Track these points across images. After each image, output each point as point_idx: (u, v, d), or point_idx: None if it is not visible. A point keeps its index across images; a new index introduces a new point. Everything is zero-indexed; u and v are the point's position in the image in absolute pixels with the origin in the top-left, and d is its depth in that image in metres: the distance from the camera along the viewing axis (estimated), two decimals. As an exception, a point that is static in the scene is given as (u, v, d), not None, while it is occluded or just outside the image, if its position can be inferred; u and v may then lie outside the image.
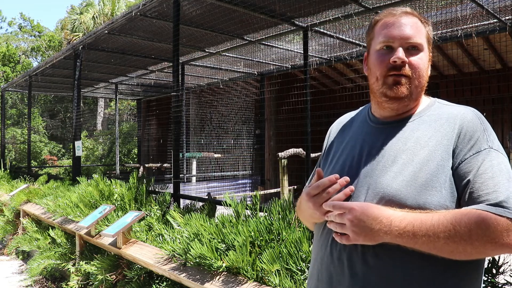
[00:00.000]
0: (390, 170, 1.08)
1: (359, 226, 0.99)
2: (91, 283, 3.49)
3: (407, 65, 1.11)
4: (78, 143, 6.10)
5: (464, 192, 1.02)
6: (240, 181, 9.90)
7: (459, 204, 1.04)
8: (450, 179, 1.04)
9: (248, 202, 2.81)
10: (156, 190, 4.11)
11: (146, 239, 3.24)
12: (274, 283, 2.06)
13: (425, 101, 1.20)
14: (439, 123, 1.11)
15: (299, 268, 2.08)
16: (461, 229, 0.93)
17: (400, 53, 1.11)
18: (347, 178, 1.10)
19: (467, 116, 1.10)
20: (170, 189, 4.11)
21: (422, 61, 1.13)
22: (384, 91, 1.14)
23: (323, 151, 1.37)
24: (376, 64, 1.15)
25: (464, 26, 5.18)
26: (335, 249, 1.10)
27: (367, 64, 1.22)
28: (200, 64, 7.57)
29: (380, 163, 1.11)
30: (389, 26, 1.14)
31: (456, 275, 1.03)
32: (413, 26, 1.13)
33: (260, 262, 2.18)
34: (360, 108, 1.36)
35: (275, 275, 2.09)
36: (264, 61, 7.34)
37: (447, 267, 1.01)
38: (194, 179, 9.63)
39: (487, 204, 0.96)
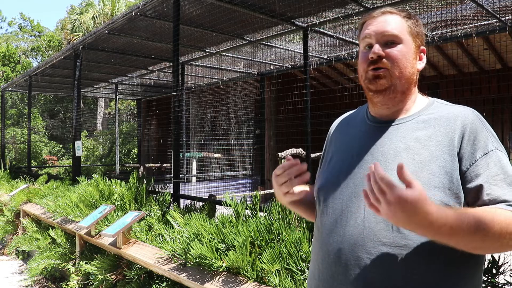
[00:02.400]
0: (392, 169, 1.07)
1: (395, 215, 0.89)
2: (91, 283, 3.49)
3: (384, 58, 1.14)
4: (78, 143, 6.10)
5: (477, 194, 1.03)
6: (240, 181, 9.90)
7: (466, 205, 1.04)
8: (456, 180, 1.04)
9: (248, 202, 2.81)
10: (156, 190, 4.11)
11: (146, 239, 3.24)
12: (274, 283, 2.06)
13: (424, 100, 1.21)
14: (439, 123, 1.11)
15: (299, 268, 2.08)
16: (495, 227, 0.92)
17: (376, 48, 1.14)
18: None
19: (468, 117, 1.10)
20: (170, 189, 4.11)
21: (401, 53, 1.14)
22: (367, 85, 1.18)
23: (323, 151, 1.38)
24: (360, 63, 1.20)
25: (464, 26, 5.18)
26: (337, 248, 1.10)
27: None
28: (200, 64, 7.57)
29: (381, 161, 1.11)
30: (367, 26, 1.19)
31: (456, 273, 1.03)
32: (389, 22, 1.16)
33: (260, 262, 2.18)
34: (359, 107, 1.36)
35: (275, 275, 2.09)
36: (264, 61, 7.34)
37: (448, 264, 1.02)
38: (194, 179, 9.63)
39: (508, 205, 0.99)
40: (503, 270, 1.80)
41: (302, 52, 5.68)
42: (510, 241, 0.94)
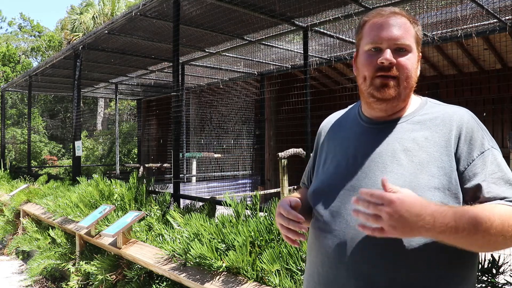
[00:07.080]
0: (391, 171, 1.07)
1: (399, 221, 0.89)
2: (91, 283, 3.49)
3: (394, 66, 1.11)
4: (78, 143, 6.10)
5: (476, 193, 1.04)
6: (240, 181, 9.90)
7: (465, 205, 1.04)
8: (455, 180, 1.04)
9: (248, 202, 2.81)
10: (156, 190, 4.11)
11: (146, 239, 3.24)
12: (274, 283, 2.06)
13: (417, 100, 1.20)
14: (435, 123, 1.11)
15: (299, 268, 2.08)
16: (496, 221, 0.93)
17: (388, 54, 1.10)
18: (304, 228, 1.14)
19: (463, 117, 1.10)
20: (170, 189, 4.11)
21: (410, 62, 1.13)
22: (371, 92, 1.14)
23: (314, 152, 1.37)
24: (364, 65, 1.15)
25: (464, 26, 5.18)
26: (338, 251, 1.09)
27: (356, 64, 1.22)
28: (200, 64, 7.57)
29: (379, 163, 1.10)
30: (377, 27, 1.14)
31: (457, 273, 1.04)
32: (401, 27, 1.13)
33: (260, 262, 2.18)
34: (349, 106, 1.34)
35: (275, 275, 2.09)
36: (264, 61, 7.34)
37: (449, 265, 1.02)
38: (194, 179, 9.63)
39: (508, 201, 1.00)
40: (503, 270, 1.80)
41: (302, 52, 5.68)
42: (510, 236, 0.95)
